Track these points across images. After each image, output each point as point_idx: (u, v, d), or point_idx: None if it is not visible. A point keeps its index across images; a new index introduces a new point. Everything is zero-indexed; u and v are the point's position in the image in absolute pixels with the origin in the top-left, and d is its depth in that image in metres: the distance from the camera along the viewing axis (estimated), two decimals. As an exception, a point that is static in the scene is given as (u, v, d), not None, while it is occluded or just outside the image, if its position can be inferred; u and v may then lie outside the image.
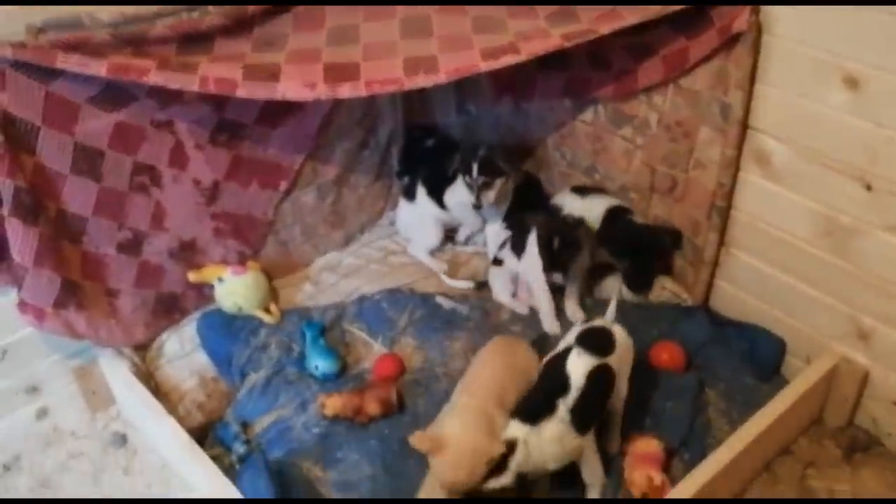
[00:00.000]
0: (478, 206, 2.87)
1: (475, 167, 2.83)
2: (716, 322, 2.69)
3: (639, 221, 2.80)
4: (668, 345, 2.57)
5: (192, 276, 2.77)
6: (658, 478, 2.18)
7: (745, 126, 2.36)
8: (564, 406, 2.03)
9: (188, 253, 2.77)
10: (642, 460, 2.23)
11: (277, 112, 2.76)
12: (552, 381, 2.11)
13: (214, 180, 2.72)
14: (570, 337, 2.22)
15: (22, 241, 2.27)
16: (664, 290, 2.79)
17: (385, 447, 2.32)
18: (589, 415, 2.08)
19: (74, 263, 2.47)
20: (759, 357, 2.57)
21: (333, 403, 2.41)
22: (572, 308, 2.74)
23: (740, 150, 2.40)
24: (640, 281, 2.77)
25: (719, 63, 2.35)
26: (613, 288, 2.74)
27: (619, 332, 2.23)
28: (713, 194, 2.52)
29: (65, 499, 2.24)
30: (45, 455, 2.64)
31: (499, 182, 2.88)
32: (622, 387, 2.22)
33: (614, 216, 2.82)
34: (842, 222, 2.26)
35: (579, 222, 2.72)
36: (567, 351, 2.14)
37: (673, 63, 2.48)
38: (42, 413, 2.71)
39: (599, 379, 2.09)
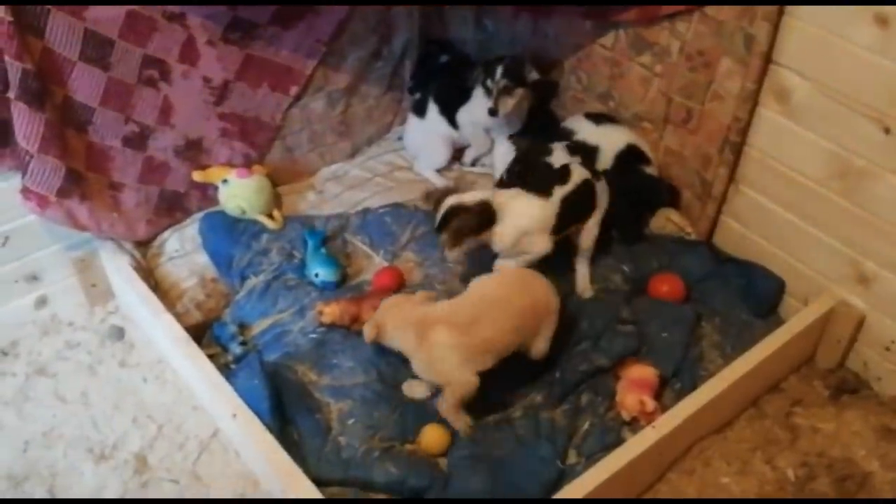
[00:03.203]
0: (494, 112, 2.80)
1: (499, 70, 2.78)
2: (717, 258, 2.68)
3: (648, 172, 2.77)
4: (668, 276, 2.59)
5: (197, 176, 2.75)
6: (650, 403, 2.22)
7: (768, 60, 2.30)
8: None
9: (194, 152, 2.75)
10: (636, 385, 2.26)
11: (292, 13, 2.70)
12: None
13: (225, 79, 2.68)
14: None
15: (27, 126, 2.25)
16: (669, 221, 2.77)
17: (379, 356, 2.34)
18: None
19: (79, 153, 2.45)
20: (756, 295, 2.57)
21: (331, 311, 2.43)
22: None
23: (760, 85, 2.35)
24: (631, 230, 2.75)
25: (747, -7, 2.29)
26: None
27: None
28: (728, 128, 2.48)
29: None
30: (43, 343, 2.67)
31: (520, 91, 2.84)
32: None
33: (629, 158, 2.78)
34: (856, 165, 2.23)
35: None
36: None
37: (700, -11, 2.41)
38: (41, 302, 2.72)
39: None
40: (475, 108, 2.97)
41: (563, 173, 2.45)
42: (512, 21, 3.15)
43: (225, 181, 2.76)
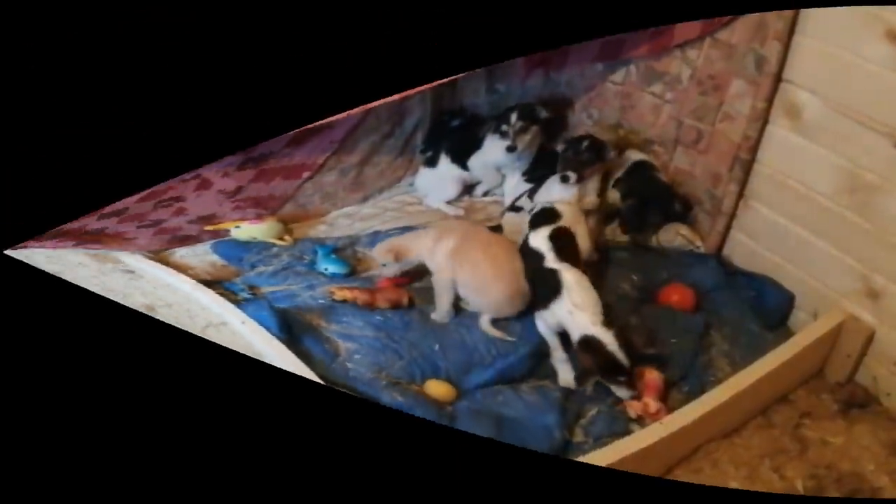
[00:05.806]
0: (512, 149, 2.91)
1: (514, 116, 2.91)
2: (727, 270, 2.69)
3: (661, 178, 2.83)
4: (678, 286, 2.60)
5: (209, 227, 2.78)
6: (654, 405, 2.21)
7: (778, 78, 2.37)
8: None
9: (206, 220, 2.78)
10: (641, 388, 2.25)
11: (306, 134, 2.72)
12: None
13: (238, 186, 2.74)
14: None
15: None
16: (679, 235, 2.79)
17: (389, 323, 2.35)
18: None
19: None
20: (766, 307, 2.57)
21: (343, 293, 2.43)
22: None
23: (771, 103, 2.41)
24: (634, 221, 2.80)
25: (759, 15, 2.37)
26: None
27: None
28: (738, 147, 2.53)
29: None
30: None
31: (535, 128, 2.95)
32: None
33: (638, 169, 2.86)
34: (866, 180, 2.25)
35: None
36: None
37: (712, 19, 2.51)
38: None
39: None
40: (488, 153, 3.06)
41: None
42: (524, 79, 3.23)
43: (237, 227, 2.79)
